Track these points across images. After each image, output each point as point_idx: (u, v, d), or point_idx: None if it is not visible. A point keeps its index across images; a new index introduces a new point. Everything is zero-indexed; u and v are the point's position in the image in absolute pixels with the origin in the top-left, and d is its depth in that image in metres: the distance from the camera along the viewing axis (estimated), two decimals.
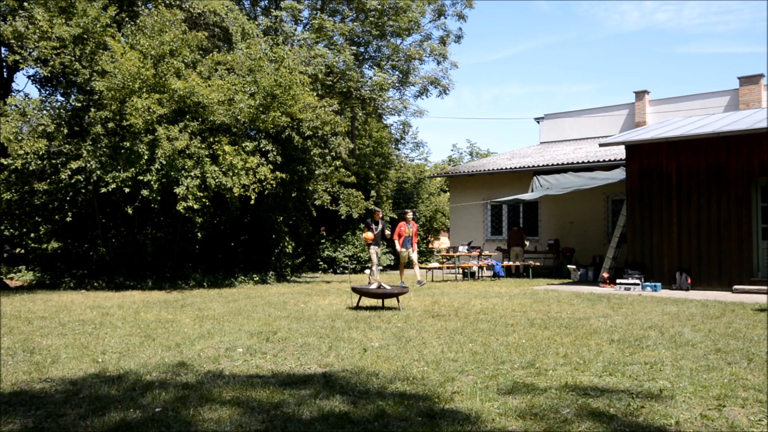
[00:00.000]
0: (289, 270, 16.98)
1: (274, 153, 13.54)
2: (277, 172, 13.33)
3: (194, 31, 13.77)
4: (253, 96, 13.34)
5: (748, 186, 12.35)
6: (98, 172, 12.19)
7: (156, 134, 12.05)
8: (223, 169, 12.51)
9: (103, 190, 12.24)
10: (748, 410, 3.92)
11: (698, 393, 4.28)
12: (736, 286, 12.16)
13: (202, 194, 12.34)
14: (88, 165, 12.22)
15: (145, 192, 12.16)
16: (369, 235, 13.23)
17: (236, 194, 12.60)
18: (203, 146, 12.55)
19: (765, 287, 11.77)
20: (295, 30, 19.63)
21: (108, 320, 8.08)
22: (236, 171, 12.54)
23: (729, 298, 10.90)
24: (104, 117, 12.48)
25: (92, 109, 12.82)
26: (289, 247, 16.14)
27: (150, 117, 12.05)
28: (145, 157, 11.96)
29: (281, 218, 16.06)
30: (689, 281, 12.69)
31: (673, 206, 13.16)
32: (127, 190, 12.14)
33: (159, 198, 12.38)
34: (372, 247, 13.38)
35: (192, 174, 12.20)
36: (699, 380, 4.63)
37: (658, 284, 12.63)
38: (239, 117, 13.07)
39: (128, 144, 12.07)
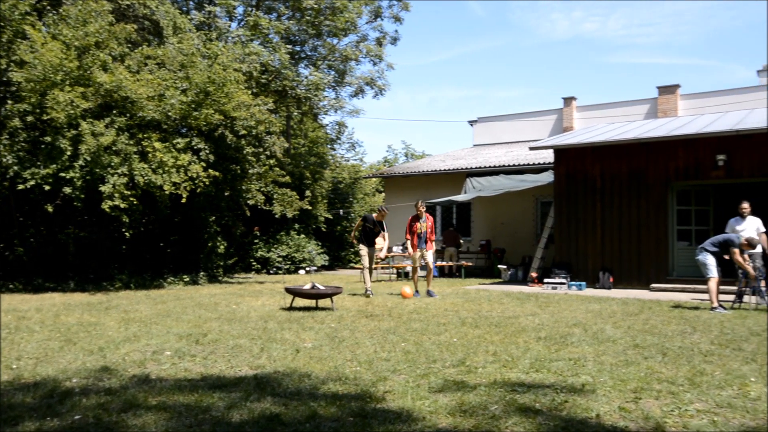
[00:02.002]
0: (221, 270, 16.61)
1: (207, 151, 13.20)
2: (210, 170, 13.02)
3: (122, 23, 13.24)
4: (185, 92, 12.97)
5: (665, 190, 13.05)
6: (15, 168, 11.53)
7: (80, 129, 11.51)
8: (152, 167, 12.09)
9: (21, 186, 11.57)
10: (661, 402, 4.14)
11: (617, 387, 4.49)
12: (653, 285, 12.83)
13: (129, 193, 11.88)
14: (5, 160, 11.53)
15: (67, 189, 11.59)
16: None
17: (167, 192, 12.21)
18: (131, 142, 12.09)
19: (680, 285, 12.48)
20: (230, 26, 19.23)
21: (24, 324, 7.65)
22: (167, 168, 12.15)
23: (647, 296, 11.49)
24: (23, 110, 11.80)
25: (9, 101, 12.11)
26: (222, 247, 15.79)
27: (73, 111, 11.49)
28: (68, 153, 11.40)
29: (213, 218, 15.68)
30: (611, 280, 13.29)
31: (597, 209, 13.75)
32: (47, 187, 11.54)
33: (83, 196, 11.84)
34: (363, 247, 11.34)
35: (119, 171, 11.73)
36: (618, 374, 4.86)
37: (583, 283, 13.16)
38: (170, 113, 12.66)
39: (49, 139, 11.48)
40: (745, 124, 12.62)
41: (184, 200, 12.76)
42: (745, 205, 10.15)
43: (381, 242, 11.48)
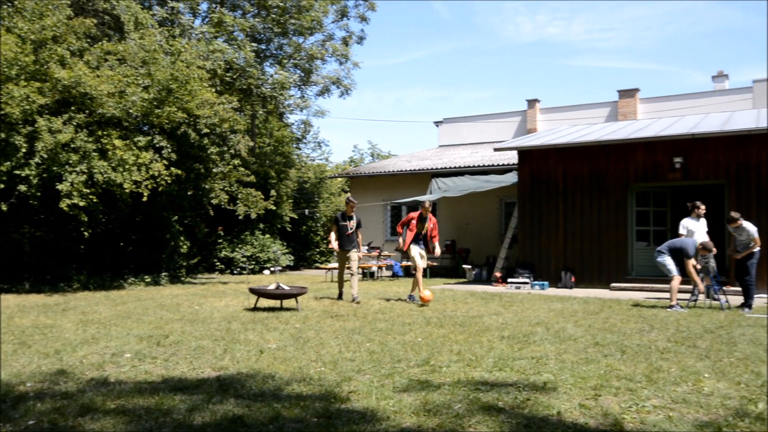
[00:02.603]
0: (184, 271, 16.32)
1: (169, 149, 12.95)
2: (173, 169, 12.78)
3: (81, 17, 12.90)
4: (147, 89, 12.70)
5: (624, 191, 13.36)
6: None
7: (36, 126, 11.17)
8: (112, 165, 11.81)
9: None
10: (620, 398, 4.24)
11: (578, 384, 4.57)
12: (613, 284, 13.12)
13: (88, 191, 11.58)
14: None
15: (22, 188, 11.23)
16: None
17: (127, 190, 11.93)
18: (91, 140, 11.78)
19: (638, 285, 12.79)
20: (193, 23, 18.92)
21: None
22: (127, 166, 11.88)
23: (607, 296, 11.74)
24: None
25: None
26: (184, 246, 15.49)
27: (29, 107, 11.14)
28: (23, 150, 11.04)
29: (176, 217, 15.38)
30: (573, 280, 13.54)
31: (559, 209, 13.99)
32: (0, 185, 11.16)
33: (39, 194, 11.49)
34: (341, 249, 10.56)
35: (77, 169, 11.42)
36: (579, 372, 4.95)
37: (546, 283, 13.37)
38: (131, 110, 12.38)
39: (3, 135, 11.10)
40: (700, 128, 13.02)
41: (145, 199, 12.50)
42: (703, 207, 10.54)
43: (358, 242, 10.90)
